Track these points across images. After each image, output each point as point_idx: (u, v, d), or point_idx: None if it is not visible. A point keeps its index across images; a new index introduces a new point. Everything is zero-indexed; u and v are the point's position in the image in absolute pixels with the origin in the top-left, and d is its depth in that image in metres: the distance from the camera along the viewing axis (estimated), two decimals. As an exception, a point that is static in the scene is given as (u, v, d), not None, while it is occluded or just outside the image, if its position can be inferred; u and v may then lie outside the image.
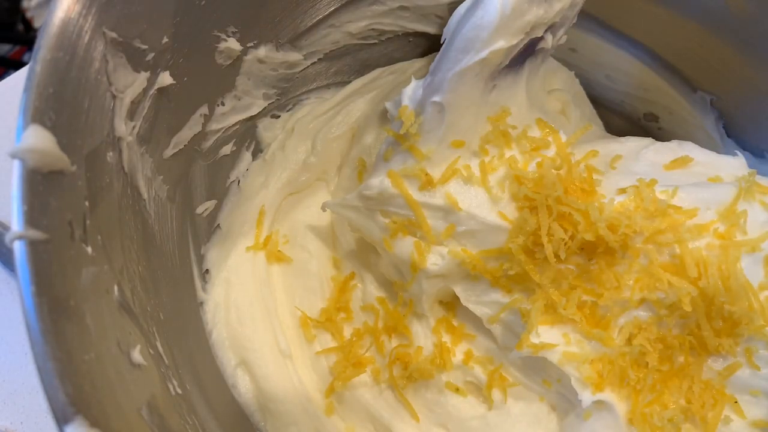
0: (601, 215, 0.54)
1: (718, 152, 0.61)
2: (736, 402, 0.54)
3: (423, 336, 0.63)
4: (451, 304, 0.65)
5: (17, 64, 1.25)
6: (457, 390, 0.61)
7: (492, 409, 0.61)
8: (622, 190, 0.57)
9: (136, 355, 0.42)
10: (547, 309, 0.56)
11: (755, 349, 0.54)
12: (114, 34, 0.43)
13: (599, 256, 0.55)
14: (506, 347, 0.61)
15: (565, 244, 0.54)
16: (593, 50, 0.71)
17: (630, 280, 0.55)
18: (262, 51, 0.61)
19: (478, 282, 0.59)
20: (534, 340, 0.56)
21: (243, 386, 0.61)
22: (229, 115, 0.63)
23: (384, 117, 0.69)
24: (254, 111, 0.66)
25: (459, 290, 0.60)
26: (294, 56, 0.65)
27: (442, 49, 0.55)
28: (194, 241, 0.62)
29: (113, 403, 0.38)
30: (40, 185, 0.37)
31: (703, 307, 0.53)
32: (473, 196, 0.57)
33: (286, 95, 0.69)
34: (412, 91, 0.58)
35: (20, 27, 1.25)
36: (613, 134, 0.72)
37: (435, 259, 0.58)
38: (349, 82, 0.73)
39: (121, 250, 0.45)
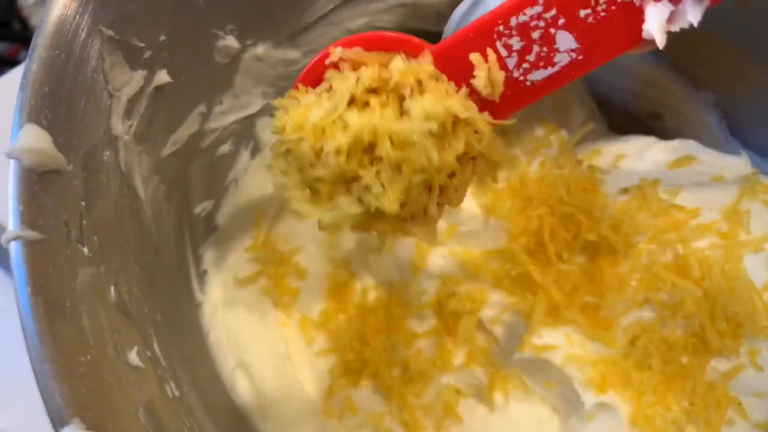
0: (604, 215, 0.53)
1: (722, 151, 0.61)
2: (739, 404, 0.53)
3: (423, 337, 0.62)
4: (451, 304, 0.64)
5: (13, 63, 1.25)
6: (457, 392, 0.61)
7: (493, 411, 0.60)
8: (625, 190, 0.57)
9: (133, 357, 0.42)
10: (549, 310, 0.55)
11: (759, 350, 0.53)
12: (111, 32, 0.43)
13: (602, 256, 0.55)
14: (508, 349, 0.60)
15: (568, 244, 0.54)
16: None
17: (633, 281, 0.54)
18: (261, 49, 0.60)
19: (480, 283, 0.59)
20: (536, 341, 0.55)
21: (241, 388, 0.60)
22: (227, 114, 0.62)
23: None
24: (253, 109, 0.65)
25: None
26: (293, 54, 0.64)
27: (442, 47, 0.55)
28: (192, 242, 0.61)
29: (110, 405, 0.37)
30: (36, 185, 0.37)
31: (706, 308, 0.52)
32: (475, 196, 0.57)
33: (284, 93, 0.68)
34: (412, 89, 0.57)
35: (16, 25, 1.25)
36: (616, 133, 0.72)
37: (436, 260, 0.58)
38: (349, 80, 0.73)
39: (117, 251, 0.45)
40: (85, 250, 0.40)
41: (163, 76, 0.50)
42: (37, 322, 0.35)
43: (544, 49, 0.37)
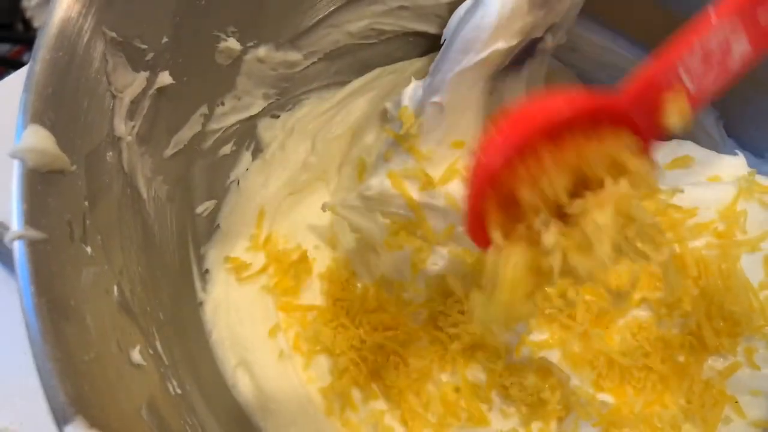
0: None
1: (718, 152, 0.61)
2: (736, 402, 0.54)
3: (423, 336, 0.63)
4: (451, 303, 0.64)
5: (16, 64, 1.25)
6: (457, 390, 0.61)
7: (492, 409, 0.61)
8: (623, 190, 0.57)
9: (136, 355, 0.42)
10: (547, 309, 0.56)
11: (755, 348, 0.54)
12: (114, 34, 0.43)
13: (599, 255, 0.55)
14: (507, 347, 0.61)
15: (566, 243, 0.54)
16: (594, 50, 0.71)
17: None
18: (262, 51, 0.61)
19: (479, 282, 0.59)
20: (534, 340, 0.56)
21: (243, 386, 0.61)
22: (228, 115, 0.62)
23: (384, 117, 0.69)
24: (254, 111, 0.66)
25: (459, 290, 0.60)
26: (294, 56, 0.65)
27: (441, 49, 0.55)
28: (194, 241, 0.62)
29: (113, 403, 0.38)
30: (40, 185, 0.37)
31: (703, 307, 0.53)
32: (473, 196, 0.57)
33: (285, 95, 0.69)
34: (412, 91, 0.58)
35: (19, 26, 1.25)
36: (613, 134, 0.72)
37: (435, 260, 0.58)
38: (349, 81, 0.73)
39: (120, 250, 0.45)
40: (89, 249, 0.40)
41: (165, 78, 0.50)
42: (41, 321, 0.35)
43: (722, 61, 0.36)
